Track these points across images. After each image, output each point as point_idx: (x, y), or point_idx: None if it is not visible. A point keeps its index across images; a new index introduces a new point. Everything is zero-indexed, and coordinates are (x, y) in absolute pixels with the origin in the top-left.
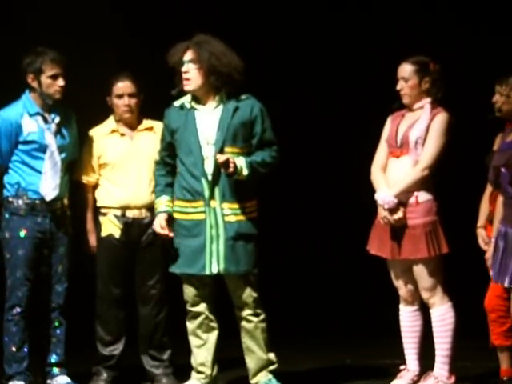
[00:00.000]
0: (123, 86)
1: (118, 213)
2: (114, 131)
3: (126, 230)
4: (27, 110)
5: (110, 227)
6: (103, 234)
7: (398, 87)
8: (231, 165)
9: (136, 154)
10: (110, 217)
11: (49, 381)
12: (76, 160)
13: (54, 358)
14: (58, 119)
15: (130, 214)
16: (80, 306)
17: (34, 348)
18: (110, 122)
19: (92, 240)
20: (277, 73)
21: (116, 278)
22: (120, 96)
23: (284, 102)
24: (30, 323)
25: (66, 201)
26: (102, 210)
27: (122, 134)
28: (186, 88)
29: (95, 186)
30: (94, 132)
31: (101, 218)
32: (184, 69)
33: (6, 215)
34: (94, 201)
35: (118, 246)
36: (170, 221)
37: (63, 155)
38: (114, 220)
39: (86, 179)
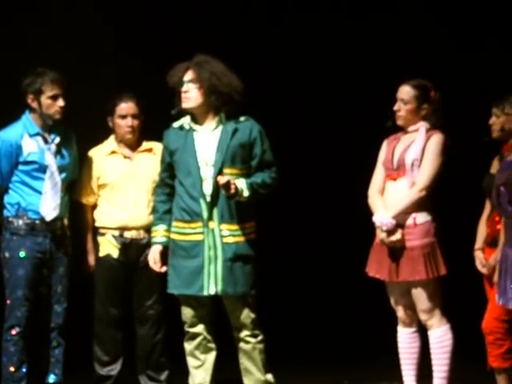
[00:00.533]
0: (127, 106)
1: (116, 233)
2: (114, 152)
3: (124, 251)
4: (27, 131)
5: (108, 247)
6: (101, 253)
7: (396, 108)
8: (232, 186)
9: (135, 175)
10: (108, 237)
11: None
12: (76, 180)
13: (52, 378)
14: (57, 139)
15: (128, 234)
16: (78, 326)
17: (32, 368)
18: (111, 143)
19: (91, 260)
20: (275, 93)
21: (114, 298)
22: (123, 117)
23: (282, 124)
24: (29, 343)
25: (65, 221)
26: (101, 231)
27: (122, 155)
28: (185, 105)
29: (94, 206)
30: (94, 152)
31: (99, 238)
32: (184, 88)
33: (7, 235)
34: (93, 221)
35: (115, 266)
36: (165, 251)
37: (63, 175)
38: (112, 240)
39: (85, 199)
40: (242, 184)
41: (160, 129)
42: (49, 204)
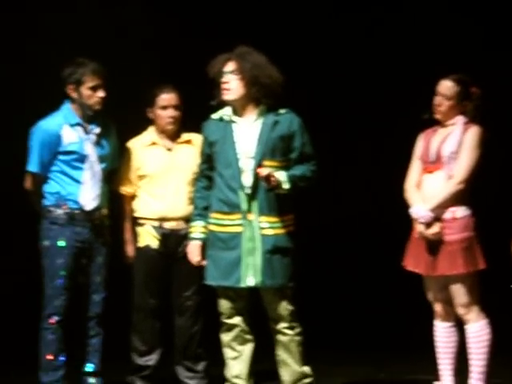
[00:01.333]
0: (168, 97)
1: (156, 224)
2: (154, 143)
3: (163, 241)
4: (67, 121)
5: (148, 238)
6: (140, 244)
7: (437, 102)
8: (272, 179)
9: (175, 166)
10: (148, 228)
11: None
12: (115, 170)
13: (90, 367)
14: (97, 130)
15: (167, 225)
16: (116, 316)
17: (70, 357)
18: (151, 134)
19: (130, 250)
20: (314, 86)
21: (152, 289)
22: (165, 107)
23: (321, 117)
24: (67, 332)
25: (104, 211)
26: (140, 221)
27: (163, 147)
28: (226, 97)
29: (133, 197)
30: (134, 143)
31: (138, 229)
32: (225, 79)
33: (46, 224)
34: (132, 211)
35: (155, 256)
36: (203, 245)
37: (103, 165)
38: (152, 231)
39: (124, 190)
40: (281, 176)
41: (198, 120)
42: (88, 194)
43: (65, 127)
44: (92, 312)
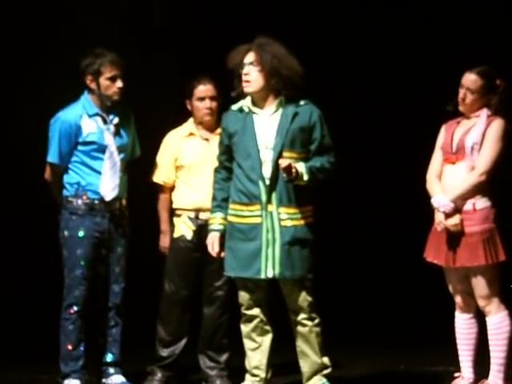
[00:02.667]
0: (205, 88)
1: (192, 215)
2: (192, 134)
3: (198, 232)
4: (86, 111)
5: (183, 228)
6: (175, 235)
7: (461, 96)
8: (293, 170)
9: (212, 157)
10: (184, 218)
11: (104, 380)
12: (134, 159)
13: (109, 358)
14: (116, 120)
15: (203, 216)
16: (140, 306)
17: (90, 347)
18: (189, 125)
19: (165, 241)
20: (332, 79)
21: (184, 279)
22: (202, 99)
23: (340, 109)
24: (87, 322)
25: (124, 201)
26: (177, 212)
27: (200, 137)
28: (246, 90)
29: (172, 188)
30: (172, 134)
31: (175, 219)
32: (245, 71)
33: (66, 215)
34: (170, 202)
35: (188, 247)
36: (222, 238)
37: (122, 155)
38: (188, 222)
39: (162, 181)
40: (301, 168)
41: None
42: (108, 184)
43: (84, 118)
44: (111, 302)
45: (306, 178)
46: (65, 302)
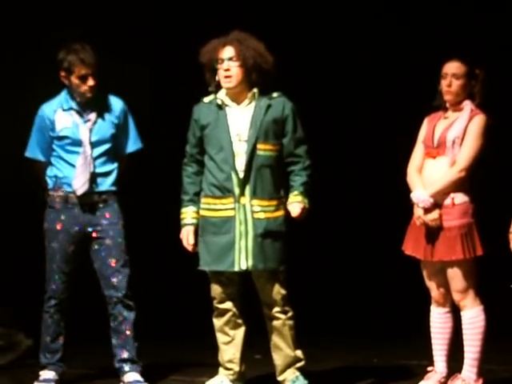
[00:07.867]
0: None
1: None
2: None
3: None
4: (61, 106)
5: None
6: None
7: (446, 83)
8: (304, 210)
9: None
10: None
11: (121, 377)
12: (129, 153)
13: (125, 354)
14: (93, 114)
15: None
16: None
17: (106, 344)
18: None
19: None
20: (308, 71)
21: None
22: None
23: (318, 102)
24: (99, 318)
25: (110, 194)
26: None
27: None
28: (227, 85)
29: None
30: None
31: None
32: (225, 66)
33: (47, 208)
34: None
35: None
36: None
37: (103, 149)
38: None
39: None
40: (304, 199)
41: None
42: (79, 178)
43: (58, 112)
44: (114, 297)
45: (307, 204)
46: (46, 295)
